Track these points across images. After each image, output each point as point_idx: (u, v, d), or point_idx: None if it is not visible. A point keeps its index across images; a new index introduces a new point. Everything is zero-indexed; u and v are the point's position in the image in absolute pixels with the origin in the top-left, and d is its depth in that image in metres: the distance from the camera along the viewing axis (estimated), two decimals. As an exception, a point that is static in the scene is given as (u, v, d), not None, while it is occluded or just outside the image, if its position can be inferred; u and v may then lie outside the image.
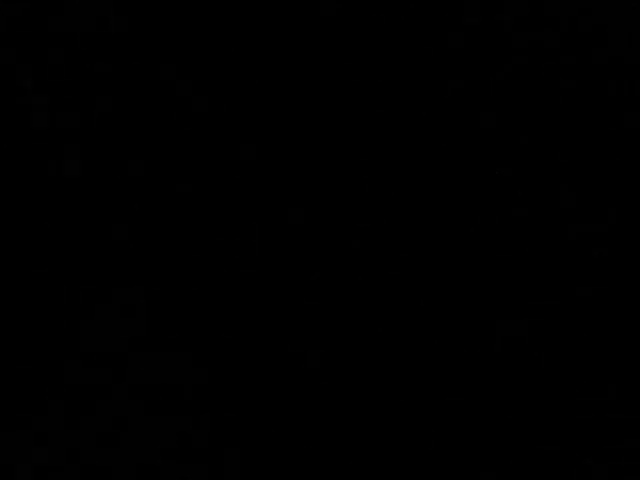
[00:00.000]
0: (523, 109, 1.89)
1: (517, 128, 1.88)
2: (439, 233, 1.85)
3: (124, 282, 1.78)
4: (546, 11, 1.89)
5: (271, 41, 1.87)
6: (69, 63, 1.79)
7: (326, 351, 1.79)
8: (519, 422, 1.77)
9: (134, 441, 1.70)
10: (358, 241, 1.84)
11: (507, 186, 1.86)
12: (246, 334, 1.79)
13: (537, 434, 1.77)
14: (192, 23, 1.85)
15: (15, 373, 1.70)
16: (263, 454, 1.73)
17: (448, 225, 1.85)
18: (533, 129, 1.89)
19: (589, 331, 1.81)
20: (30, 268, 1.75)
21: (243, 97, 1.87)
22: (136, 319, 1.77)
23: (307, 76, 1.88)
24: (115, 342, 1.75)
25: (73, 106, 1.81)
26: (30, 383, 1.70)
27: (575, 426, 1.76)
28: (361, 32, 1.89)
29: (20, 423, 1.67)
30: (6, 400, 1.68)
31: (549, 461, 1.75)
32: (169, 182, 1.83)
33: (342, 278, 1.82)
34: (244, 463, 1.72)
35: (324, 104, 1.88)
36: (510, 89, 1.89)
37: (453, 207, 1.86)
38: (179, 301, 1.79)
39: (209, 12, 1.86)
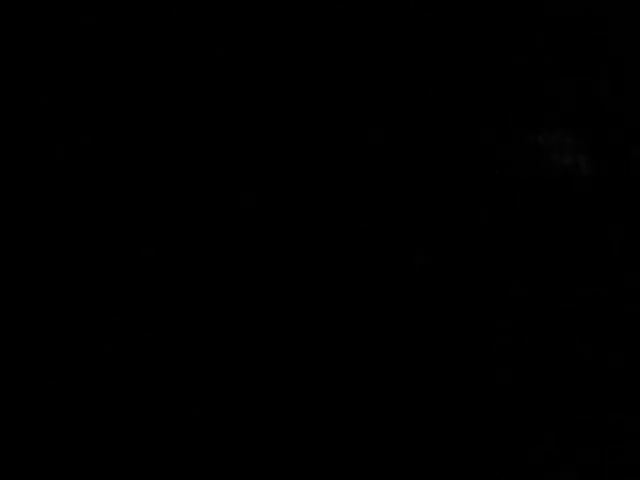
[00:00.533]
0: (523, 109, 1.89)
1: (517, 127, 1.89)
2: (439, 233, 1.85)
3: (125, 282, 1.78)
4: (546, 11, 1.90)
5: (269, 40, 1.87)
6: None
7: (327, 351, 1.79)
8: (519, 422, 1.77)
9: (135, 442, 1.70)
10: (358, 241, 1.84)
11: (507, 186, 1.86)
12: (245, 334, 1.79)
13: (537, 434, 1.77)
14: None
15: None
16: (262, 454, 1.73)
17: (448, 225, 1.85)
18: (533, 128, 1.89)
19: (589, 332, 1.82)
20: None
21: (243, 97, 1.87)
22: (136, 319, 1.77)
23: (309, 77, 1.88)
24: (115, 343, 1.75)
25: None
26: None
27: (575, 426, 1.77)
28: (359, 32, 1.88)
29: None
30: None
31: (549, 461, 1.75)
32: (167, 183, 1.83)
33: (342, 277, 1.82)
34: (244, 463, 1.72)
35: (325, 103, 1.88)
36: (509, 89, 1.89)
37: (453, 207, 1.86)
38: (177, 299, 1.79)
39: (208, 14, 1.86)
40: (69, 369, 1.72)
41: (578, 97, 1.84)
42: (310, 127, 1.87)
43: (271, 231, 1.83)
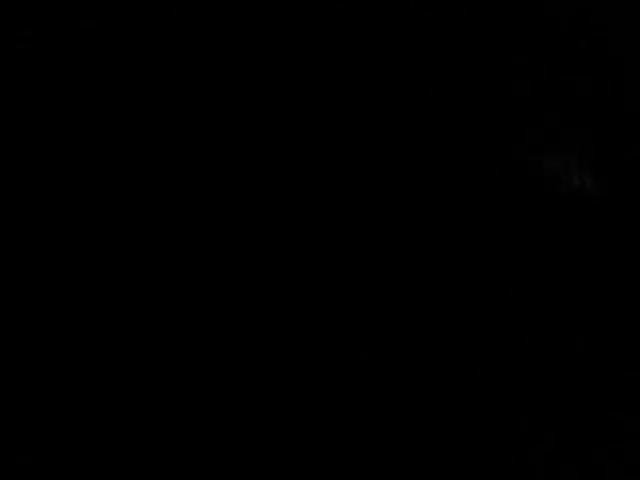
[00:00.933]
0: (522, 109, 1.89)
1: (516, 127, 1.88)
2: (438, 233, 1.85)
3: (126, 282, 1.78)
4: (546, 11, 1.89)
5: (269, 41, 1.87)
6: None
7: (327, 351, 1.79)
8: (519, 422, 1.77)
9: (135, 441, 1.71)
10: (357, 239, 1.84)
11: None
12: (245, 334, 1.79)
13: (537, 434, 1.77)
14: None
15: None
16: (262, 454, 1.73)
17: (447, 225, 1.85)
18: (532, 128, 1.89)
19: (588, 333, 1.82)
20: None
21: (243, 97, 1.87)
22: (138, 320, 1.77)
23: (309, 77, 1.88)
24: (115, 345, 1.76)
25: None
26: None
27: (575, 426, 1.77)
28: (359, 33, 1.88)
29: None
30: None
31: (549, 461, 1.75)
32: (167, 182, 1.83)
33: (342, 277, 1.83)
34: (243, 463, 1.72)
35: (325, 104, 1.88)
36: (509, 89, 1.89)
37: (453, 207, 1.86)
38: (177, 299, 1.80)
39: (211, 15, 1.86)
40: (69, 369, 1.73)
41: (579, 114, 1.85)
42: (310, 127, 1.87)
43: (270, 231, 1.83)
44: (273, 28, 1.87)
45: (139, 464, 1.69)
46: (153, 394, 1.74)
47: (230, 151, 1.86)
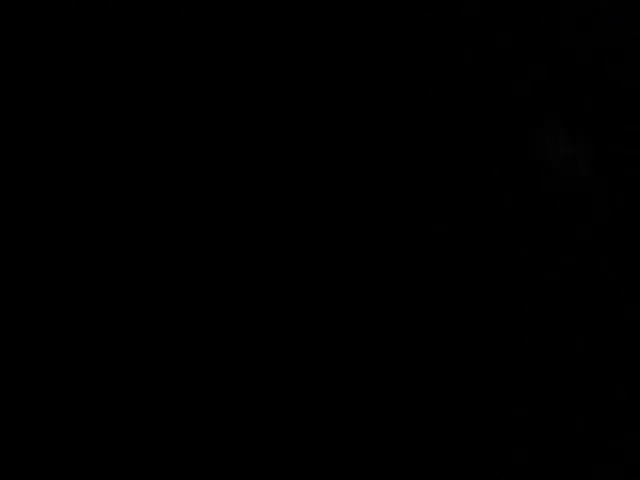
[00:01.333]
0: (522, 108, 1.89)
1: (517, 128, 1.88)
2: (437, 234, 1.85)
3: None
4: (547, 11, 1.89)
5: (268, 40, 1.87)
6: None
7: (327, 350, 1.79)
8: (520, 422, 1.77)
9: (135, 442, 1.71)
10: (356, 240, 1.84)
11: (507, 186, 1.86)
12: (245, 334, 1.79)
13: (538, 434, 1.77)
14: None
15: None
16: (262, 454, 1.73)
17: (446, 226, 1.85)
18: (532, 128, 1.89)
19: (589, 332, 1.82)
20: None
21: (242, 97, 1.87)
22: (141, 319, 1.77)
23: (309, 77, 1.88)
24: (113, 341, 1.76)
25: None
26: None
27: (575, 425, 1.77)
28: (359, 31, 1.88)
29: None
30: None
31: (549, 460, 1.75)
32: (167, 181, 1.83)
33: (343, 275, 1.83)
34: (243, 463, 1.72)
35: (325, 104, 1.88)
36: (508, 89, 1.88)
37: (452, 207, 1.85)
38: (177, 299, 1.79)
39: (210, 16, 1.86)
40: (69, 369, 1.73)
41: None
42: (310, 127, 1.87)
43: (270, 231, 1.83)
44: (273, 28, 1.87)
45: (139, 464, 1.69)
46: (153, 394, 1.74)
47: (230, 151, 1.85)
